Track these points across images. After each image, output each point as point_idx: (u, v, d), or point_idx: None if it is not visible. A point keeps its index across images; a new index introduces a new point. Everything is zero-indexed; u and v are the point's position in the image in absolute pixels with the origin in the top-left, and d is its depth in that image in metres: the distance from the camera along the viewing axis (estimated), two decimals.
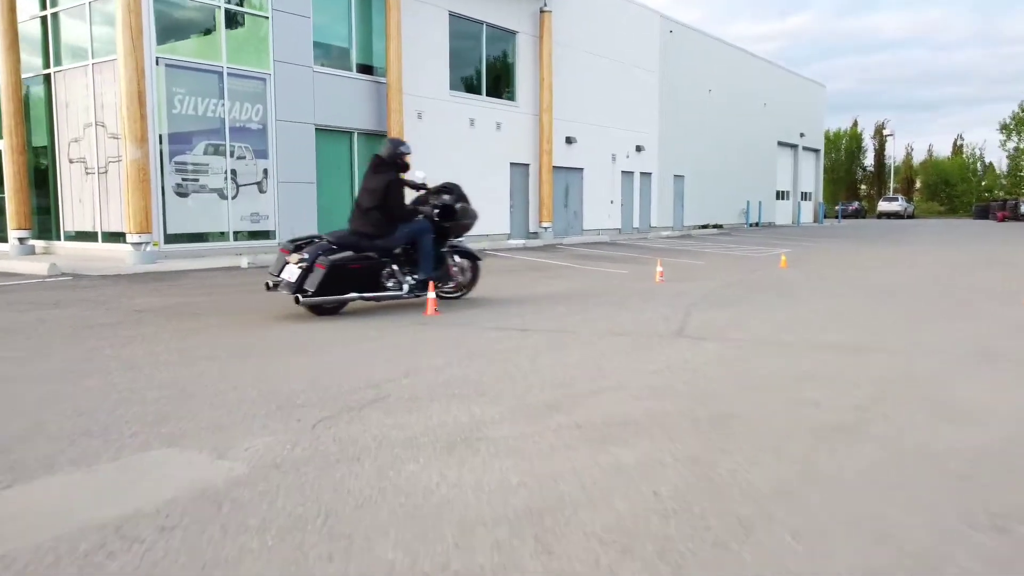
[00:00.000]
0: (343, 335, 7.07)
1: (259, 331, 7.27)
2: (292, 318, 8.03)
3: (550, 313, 8.58)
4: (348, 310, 8.42)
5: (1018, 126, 64.17)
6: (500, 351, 6.32)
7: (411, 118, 18.96)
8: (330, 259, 7.87)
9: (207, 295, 10.13)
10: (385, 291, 8.52)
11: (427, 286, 8.60)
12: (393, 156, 8.90)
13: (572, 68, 24.59)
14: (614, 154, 27.17)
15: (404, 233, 8.72)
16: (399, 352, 6.26)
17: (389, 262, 8.60)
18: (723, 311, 8.66)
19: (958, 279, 12.57)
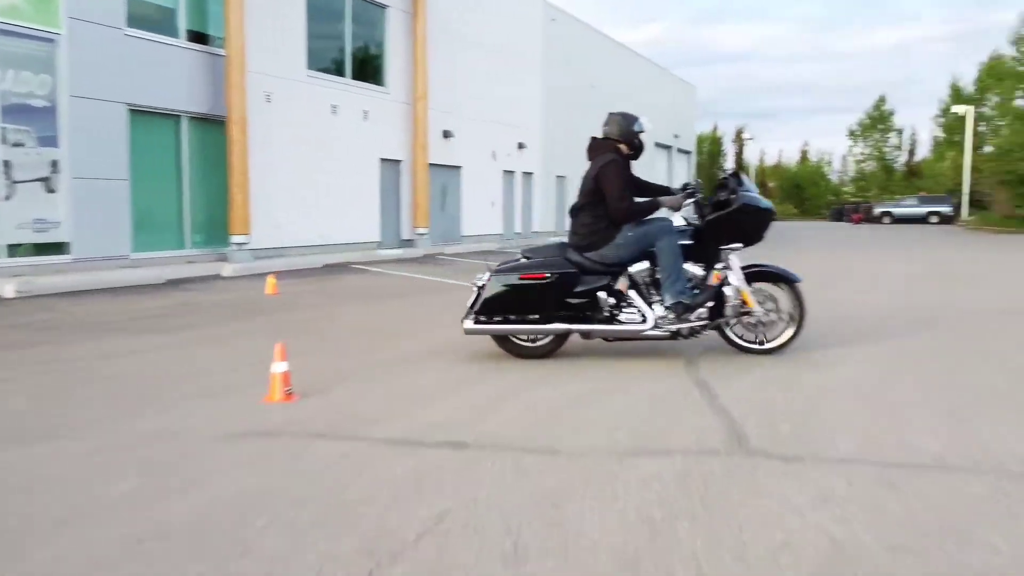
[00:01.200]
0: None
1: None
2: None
3: (487, 397, 5.48)
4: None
5: (864, 132, 67.08)
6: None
7: (257, 101, 15.25)
8: (496, 268, 6.00)
9: None
10: (601, 322, 5.96)
11: (682, 315, 5.89)
12: (626, 135, 6.37)
13: (450, 53, 21.52)
14: (495, 151, 24.33)
15: (630, 239, 5.98)
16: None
17: (608, 281, 6.01)
18: (738, 368, 5.90)
19: (959, 296, 10.54)
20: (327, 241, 17.34)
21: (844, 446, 3.90)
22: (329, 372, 5.69)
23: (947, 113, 56.49)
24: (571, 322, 5.93)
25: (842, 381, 5.37)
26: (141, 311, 8.91)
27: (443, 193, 21.94)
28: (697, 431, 4.18)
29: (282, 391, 4.83)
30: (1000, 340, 7.01)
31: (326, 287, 11.75)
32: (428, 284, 12.31)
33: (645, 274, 6.04)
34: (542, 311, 5.89)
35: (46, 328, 7.69)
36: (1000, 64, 51.46)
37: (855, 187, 67.98)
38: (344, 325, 8.17)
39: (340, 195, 17.80)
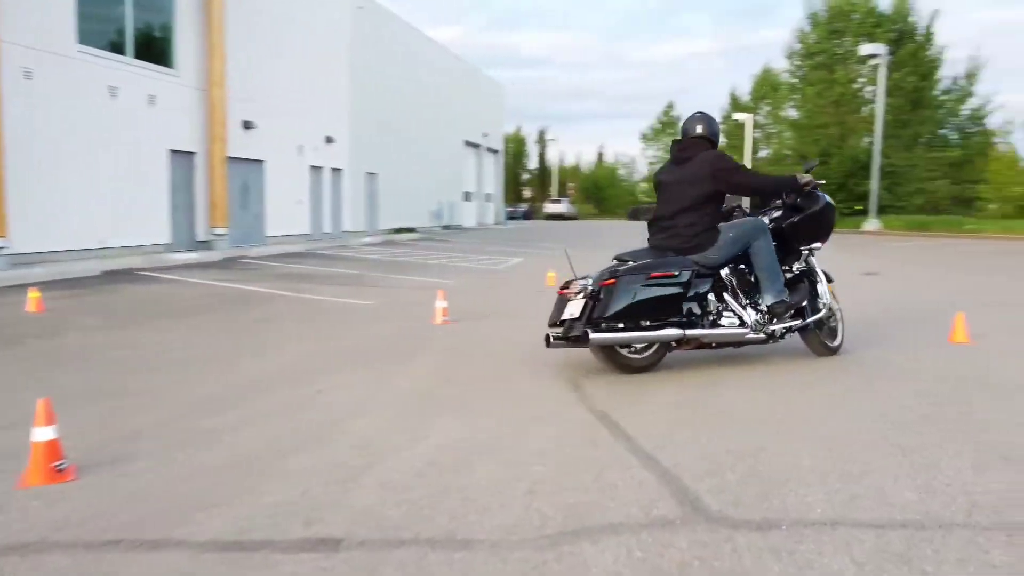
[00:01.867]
0: None
1: None
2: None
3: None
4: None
5: (655, 136, 71.11)
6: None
7: (13, 78, 12.63)
8: (620, 270, 5.50)
9: None
10: (706, 327, 5.65)
11: (782, 315, 5.80)
12: (714, 133, 5.94)
13: (250, 35, 19.46)
14: (301, 145, 22.46)
15: (730, 240, 5.71)
16: None
17: (713, 283, 5.71)
18: (627, 394, 5.11)
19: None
20: (106, 244, 14.84)
21: (813, 500, 3.18)
22: (119, 430, 4.23)
23: (727, 120, 61.03)
24: (684, 327, 5.53)
25: (744, 404, 4.74)
26: None
27: (244, 190, 19.84)
28: (633, 490, 3.29)
29: (47, 469, 3.37)
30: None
31: (107, 301, 9.77)
32: (235, 294, 10.65)
33: (733, 276, 5.82)
34: (661, 316, 5.49)
35: None
36: (771, 76, 56.37)
37: (649, 188, 71.83)
38: (134, 355, 6.53)
39: (121, 191, 15.32)
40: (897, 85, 35.22)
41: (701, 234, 5.66)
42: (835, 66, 38.35)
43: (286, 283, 12.00)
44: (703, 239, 5.65)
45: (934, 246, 22.32)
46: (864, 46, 33.07)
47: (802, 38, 40.38)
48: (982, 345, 6.66)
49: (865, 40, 35.05)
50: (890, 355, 6.30)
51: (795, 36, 40.99)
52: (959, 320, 6.90)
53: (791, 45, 41.31)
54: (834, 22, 38.39)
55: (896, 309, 9.02)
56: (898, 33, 36.82)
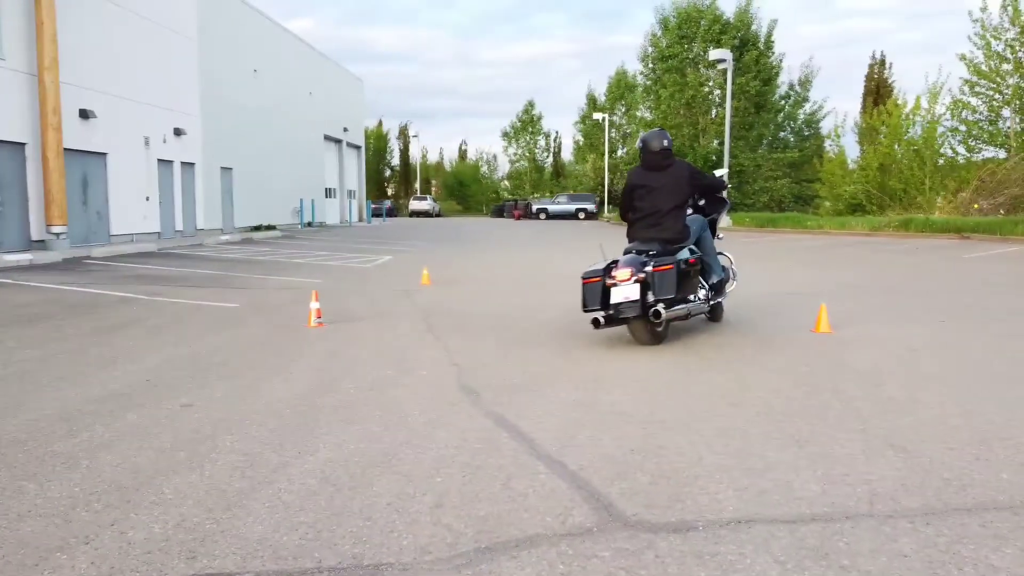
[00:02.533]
0: None
1: None
2: None
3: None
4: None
5: (516, 135, 71.92)
6: None
7: None
8: (675, 259, 6.49)
9: None
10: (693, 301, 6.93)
11: (720, 290, 7.41)
12: (671, 145, 7.03)
13: (86, 15, 17.92)
14: (147, 137, 20.97)
15: (695, 231, 7.11)
16: None
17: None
18: (511, 387, 4.98)
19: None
20: None
21: (723, 497, 3.16)
22: None
23: (586, 120, 62.74)
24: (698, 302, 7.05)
25: (635, 402, 4.74)
26: None
27: (84, 185, 18.27)
28: (545, 498, 3.16)
29: None
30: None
31: None
32: (79, 298, 9.71)
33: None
34: (691, 293, 6.86)
35: None
36: (626, 78, 58.37)
37: (511, 185, 72.61)
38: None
39: None
40: (742, 89, 37.30)
41: (683, 228, 6.83)
42: (686, 69, 40.14)
43: (138, 285, 11.09)
44: (684, 232, 6.84)
45: (782, 241, 23.75)
46: (712, 51, 34.82)
47: (655, 42, 41.96)
48: (843, 334, 7.04)
49: (713, 46, 36.92)
50: (762, 347, 6.53)
51: (648, 40, 42.53)
52: (822, 311, 7.27)
53: (644, 49, 42.83)
54: (683, 27, 40.15)
55: (758, 302, 9.43)
56: (741, 40, 39.00)
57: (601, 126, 56.66)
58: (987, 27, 28.92)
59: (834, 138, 36.01)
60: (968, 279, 12.45)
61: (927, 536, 2.80)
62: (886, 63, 49.40)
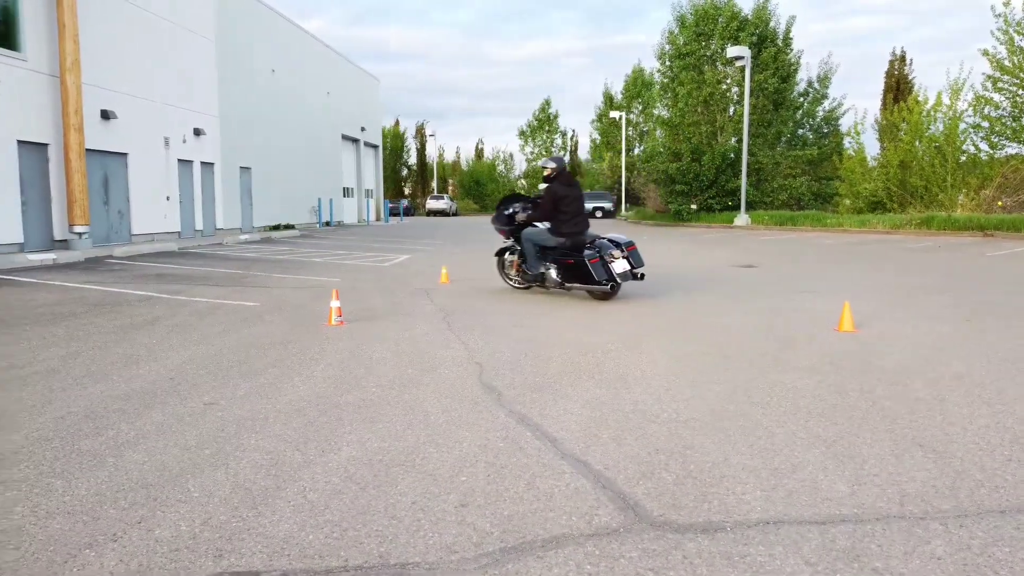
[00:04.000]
0: None
1: None
2: None
3: None
4: None
5: (533, 133, 71.83)
6: None
7: None
8: (620, 240, 9.66)
9: None
10: None
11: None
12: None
13: (107, 17, 18.08)
14: (167, 137, 21.13)
15: None
16: None
17: None
18: (528, 381, 4.96)
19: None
20: None
21: (750, 498, 3.13)
22: None
23: (603, 118, 62.54)
24: None
25: (656, 401, 4.71)
26: None
27: (105, 185, 18.44)
28: (570, 498, 3.14)
29: None
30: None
31: None
32: (102, 297, 9.78)
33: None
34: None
35: None
36: (643, 76, 58.15)
37: (528, 183, 72.49)
38: (1, 364, 5.80)
39: None
40: (760, 86, 37.02)
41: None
42: (704, 67, 39.92)
43: (159, 284, 11.17)
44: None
45: (801, 239, 23.57)
46: (730, 48, 34.57)
47: (672, 39, 41.75)
48: (867, 333, 6.97)
49: (731, 43, 36.67)
50: (785, 346, 6.47)
51: (665, 38, 42.32)
52: (846, 310, 7.19)
53: (662, 46, 42.62)
54: (701, 24, 39.91)
55: (780, 301, 9.35)
56: (759, 37, 38.71)
57: (618, 124, 56.47)
58: (1010, 22, 28.53)
59: (854, 135, 35.67)
60: (992, 277, 12.29)
61: (960, 538, 2.75)
62: (906, 59, 48.86)
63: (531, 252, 9.92)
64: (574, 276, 9.37)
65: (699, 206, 36.66)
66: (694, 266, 14.66)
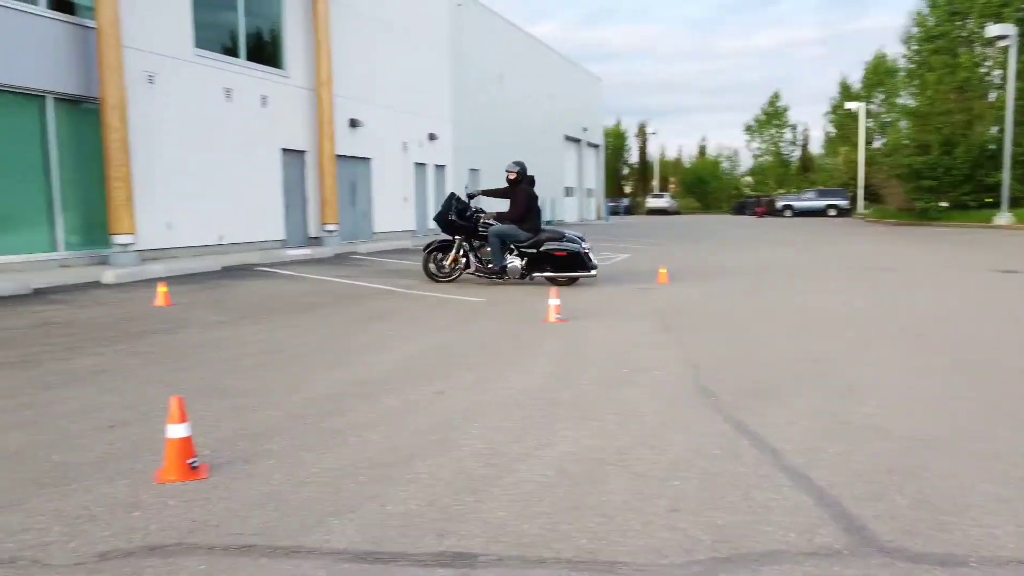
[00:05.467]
0: None
1: None
2: None
3: None
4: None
5: (760, 128, 68.78)
6: None
7: (138, 82, 13.24)
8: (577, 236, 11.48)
9: None
10: None
11: None
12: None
13: (354, 34, 19.85)
14: (405, 143, 22.77)
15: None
16: None
17: None
18: (745, 384, 4.79)
19: None
20: (225, 240, 15.46)
21: (1001, 533, 2.81)
22: (245, 428, 4.23)
23: (838, 110, 58.43)
24: None
25: (894, 416, 4.34)
26: None
27: (352, 187, 20.26)
28: (789, 513, 3.01)
29: (181, 466, 3.37)
30: None
31: (229, 296, 10.06)
32: (347, 290, 10.79)
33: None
34: None
35: None
36: (885, 63, 53.55)
37: (754, 181, 69.60)
38: (253, 351, 6.62)
39: (239, 190, 15.90)
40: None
41: None
42: (958, 49, 35.98)
43: (395, 279, 12.09)
44: None
45: None
46: (991, 27, 30.82)
47: (920, 21, 38.05)
48: None
49: (992, 20, 32.69)
50: None
51: (912, 19, 38.65)
52: None
53: (908, 29, 38.98)
54: (955, 3, 35.97)
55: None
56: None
57: (855, 116, 52.51)
58: None
59: None
60: None
61: None
62: None
63: (497, 247, 11.03)
64: (564, 266, 10.97)
65: (950, 203, 33.12)
66: (944, 270, 13.31)
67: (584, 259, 10.86)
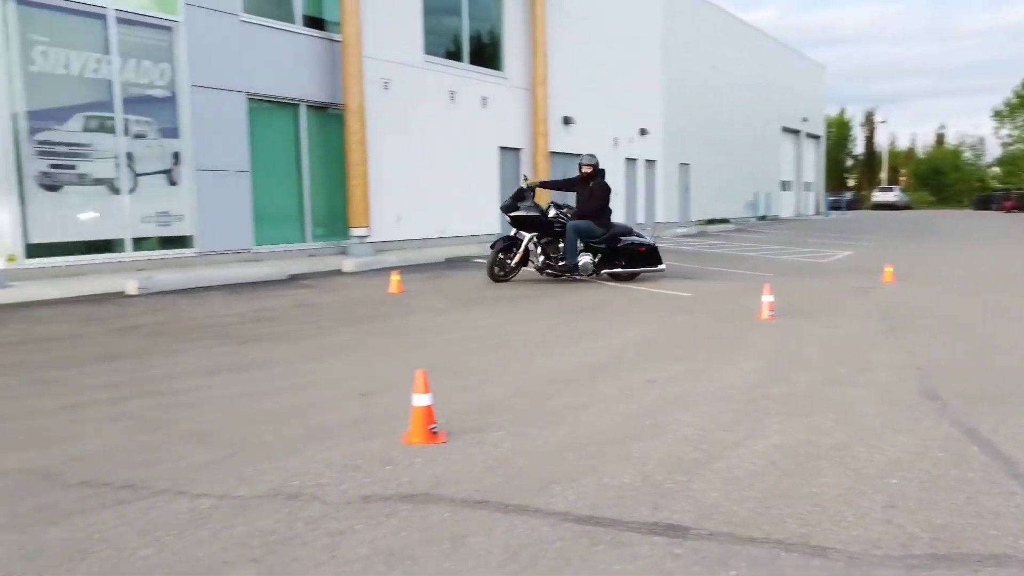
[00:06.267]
0: None
1: None
2: None
3: None
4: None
5: (1012, 112, 61.56)
6: None
7: (375, 88, 14.55)
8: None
9: (10, 372, 5.74)
10: None
11: None
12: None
13: (568, 34, 20.35)
14: (616, 138, 23.00)
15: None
16: None
17: None
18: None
19: None
20: (446, 233, 16.58)
21: None
22: (476, 402, 4.69)
23: None
24: None
25: None
26: (258, 313, 8.23)
27: None
28: (1020, 520, 2.90)
29: (425, 431, 3.85)
30: None
31: (453, 285, 10.86)
32: (563, 281, 11.24)
33: None
34: None
35: (154, 333, 7.06)
36: None
37: (1003, 172, 62.53)
38: (478, 334, 7.18)
39: (459, 185, 16.99)
40: None
41: None
42: None
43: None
44: None
45: None
46: None
47: None
48: None
49: None
50: None
51: None
52: None
53: None
54: None
55: None
56: None
57: None
58: None
59: None
60: None
61: None
62: None
63: (573, 243, 10.57)
64: (642, 260, 10.85)
65: None
66: None
67: (658, 255, 11.05)
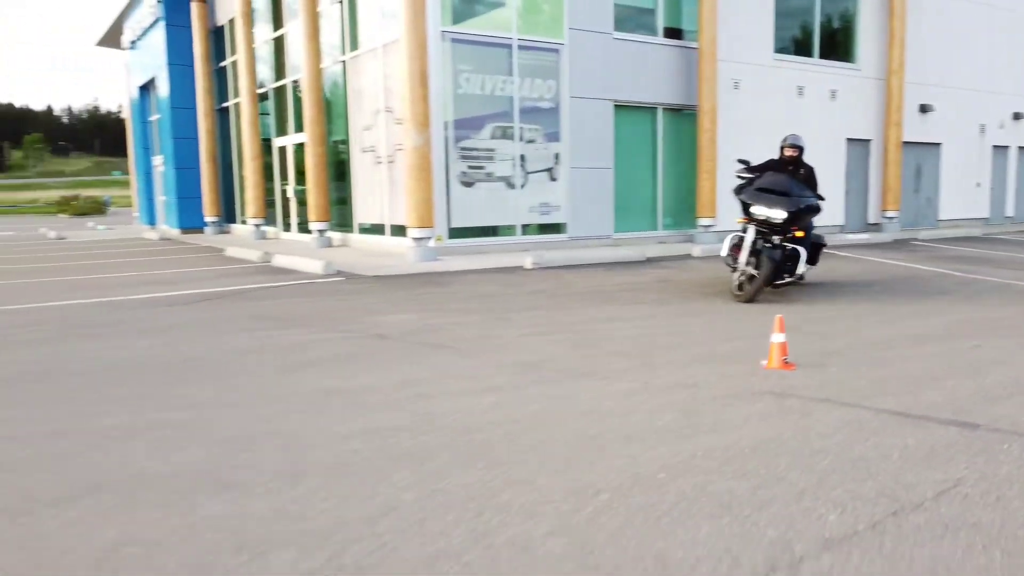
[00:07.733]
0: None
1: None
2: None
3: None
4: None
5: None
6: None
7: (725, 89, 15.83)
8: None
9: (475, 312, 8.18)
10: None
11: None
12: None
13: (928, 15, 19.59)
14: (983, 124, 21.45)
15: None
16: None
17: None
18: None
19: None
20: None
21: None
22: (813, 351, 5.94)
23: None
24: None
25: None
26: (627, 284, 10.11)
27: (917, 173, 20.16)
28: None
29: (780, 359, 5.25)
30: None
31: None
32: (900, 271, 11.62)
33: None
34: None
35: (555, 295, 9.24)
36: None
37: None
38: (832, 312, 8.27)
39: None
40: None
41: None
42: None
43: (954, 264, 12.38)
44: None
45: None
46: None
47: None
48: None
49: None
50: None
51: None
52: None
53: None
54: None
55: None
56: None
57: None
58: None
59: None
60: None
61: None
62: None
63: (809, 242, 8.91)
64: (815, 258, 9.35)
65: None
66: None
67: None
